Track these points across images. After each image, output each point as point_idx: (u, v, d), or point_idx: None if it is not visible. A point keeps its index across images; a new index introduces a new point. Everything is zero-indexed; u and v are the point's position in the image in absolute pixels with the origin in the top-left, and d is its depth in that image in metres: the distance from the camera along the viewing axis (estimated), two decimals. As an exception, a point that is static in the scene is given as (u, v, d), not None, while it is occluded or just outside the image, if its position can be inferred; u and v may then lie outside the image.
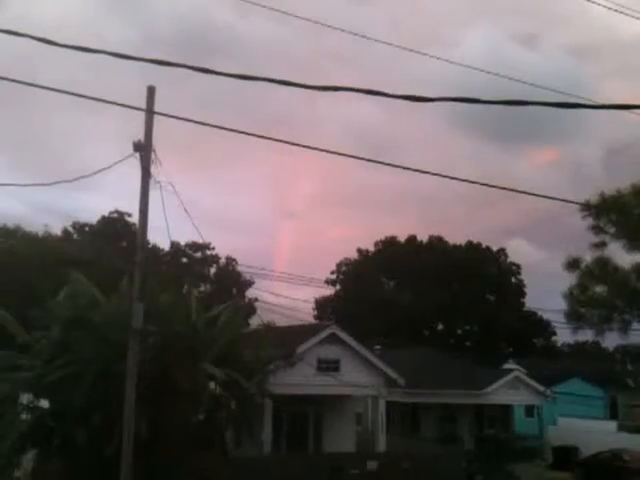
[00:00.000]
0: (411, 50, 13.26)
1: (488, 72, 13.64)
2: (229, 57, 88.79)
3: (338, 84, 7.98)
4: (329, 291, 64.32)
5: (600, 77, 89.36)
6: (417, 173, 10.19)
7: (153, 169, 13.35)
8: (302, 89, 7.85)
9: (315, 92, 7.94)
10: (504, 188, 11.15)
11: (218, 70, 7.76)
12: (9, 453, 16.46)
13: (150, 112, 13.05)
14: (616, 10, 14.71)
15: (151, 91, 13.21)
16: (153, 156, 13.42)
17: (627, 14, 14.67)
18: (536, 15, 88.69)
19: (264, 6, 11.71)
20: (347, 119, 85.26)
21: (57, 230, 47.60)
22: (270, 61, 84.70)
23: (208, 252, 56.61)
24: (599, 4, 14.41)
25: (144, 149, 13.30)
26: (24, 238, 40.78)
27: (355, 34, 12.35)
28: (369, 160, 10.12)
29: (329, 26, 12.19)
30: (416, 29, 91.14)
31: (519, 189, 11.38)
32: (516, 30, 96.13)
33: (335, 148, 9.52)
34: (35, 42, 7.26)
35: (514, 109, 8.03)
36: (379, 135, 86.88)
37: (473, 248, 65.30)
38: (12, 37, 7.23)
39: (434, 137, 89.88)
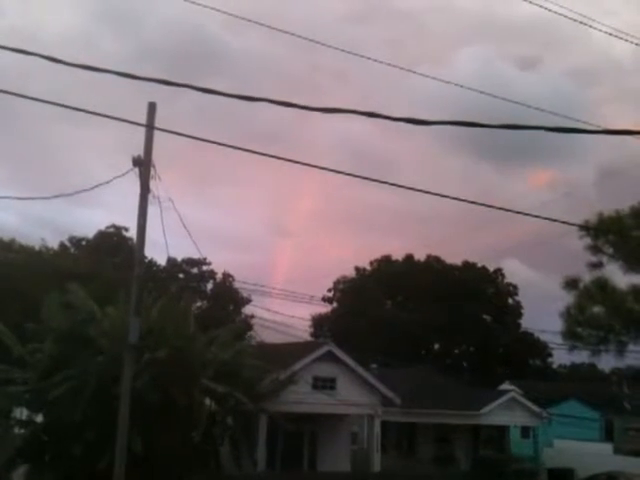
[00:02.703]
0: (408, 70, 13.35)
1: (483, 93, 13.70)
2: (222, 72, 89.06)
3: (332, 100, 8.07)
4: (326, 309, 64.27)
5: (598, 101, 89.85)
6: (412, 192, 10.21)
7: (152, 184, 13.36)
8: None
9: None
10: (504, 209, 11.13)
11: (218, 90, 7.77)
12: (1, 468, 16.35)
13: (150, 128, 13.04)
14: (616, 36, 14.84)
15: (152, 107, 13.21)
16: (152, 171, 13.43)
17: (627, 40, 14.79)
18: (536, 38, 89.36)
19: (257, 22, 11.76)
20: (341, 136, 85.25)
21: (53, 244, 47.56)
22: (263, 77, 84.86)
23: (205, 268, 56.53)
24: (599, 30, 14.55)
25: (143, 164, 13.30)
26: (21, 251, 40.72)
27: (349, 52, 12.40)
28: (369, 179, 10.11)
29: (320, 42, 12.20)
30: (414, 48, 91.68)
31: (515, 210, 11.36)
32: (515, 52, 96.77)
33: (329, 165, 9.52)
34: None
35: (511, 131, 8.08)
36: (373, 152, 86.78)
37: (470, 268, 65.34)
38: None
39: (428, 156, 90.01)
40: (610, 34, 14.68)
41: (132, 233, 46.38)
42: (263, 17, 12.11)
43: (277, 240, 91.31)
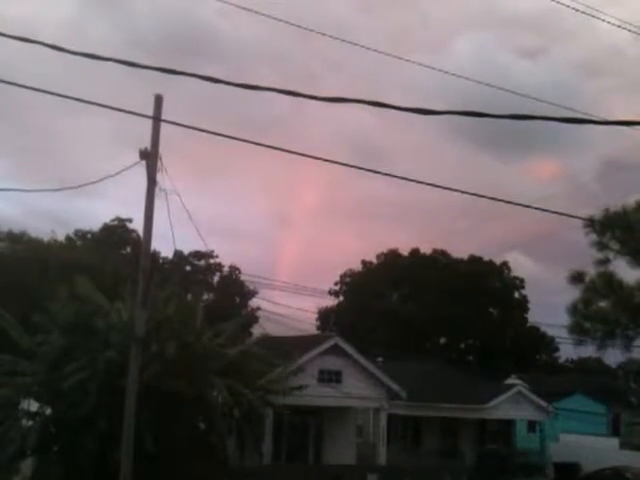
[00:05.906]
0: (407, 60, 13.29)
1: (481, 83, 13.64)
2: (216, 59, 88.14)
3: (327, 88, 7.97)
4: (332, 302, 64.28)
5: (602, 92, 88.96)
6: (415, 184, 10.14)
7: (158, 177, 13.34)
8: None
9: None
10: (517, 204, 11.07)
11: (222, 79, 7.70)
12: (10, 459, 16.42)
13: (157, 120, 13.02)
14: (621, 26, 14.77)
15: (158, 99, 13.17)
16: (159, 164, 13.41)
17: (632, 30, 14.71)
18: (541, 29, 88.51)
19: (256, 11, 11.71)
20: (338, 125, 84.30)
21: (58, 237, 47.53)
22: (258, 64, 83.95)
23: (212, 260, 56.57)
24: (604, 20, 14.48)
25: (150, 157, 13.29)
26: (29, 244, 40.87)
27: (346, 40, 12.35)
28: (380, 173, 10.03)
29: (315, 31, 12.16)
30: (416, 37, 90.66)
31: (518, 202, 11.28)
32: (518, 42, 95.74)
33: (328, 155, 9.42)
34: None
35: (513, 121, 7.95)
36: (373, 142, 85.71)
37: (476, 262, 65.16)
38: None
39: (429, 146, 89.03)
40: (615, 24, 14.62)
41: (136, 225, 46.28)
42: (259, 4, 12.03)
43: (282, 232, 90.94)
